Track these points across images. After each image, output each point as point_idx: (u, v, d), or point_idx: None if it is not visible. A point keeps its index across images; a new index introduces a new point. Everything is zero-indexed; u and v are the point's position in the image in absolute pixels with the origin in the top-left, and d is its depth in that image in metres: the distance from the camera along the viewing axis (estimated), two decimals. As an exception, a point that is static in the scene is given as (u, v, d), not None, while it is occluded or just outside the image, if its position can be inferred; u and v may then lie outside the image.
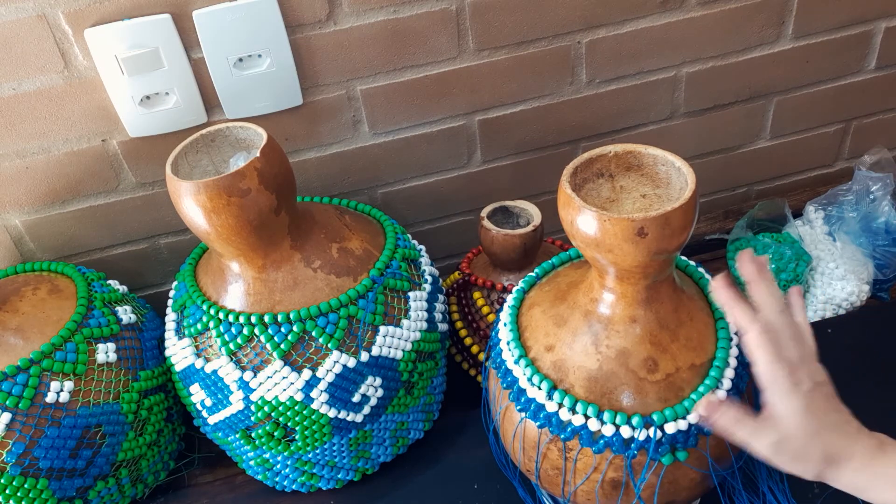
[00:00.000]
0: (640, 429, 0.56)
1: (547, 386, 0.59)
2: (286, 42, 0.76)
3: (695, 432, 0.57)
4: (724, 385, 0.58)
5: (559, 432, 0.58)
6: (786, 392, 0.53)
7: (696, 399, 0.57)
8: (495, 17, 0.81)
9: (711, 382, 0.58)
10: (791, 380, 0.53)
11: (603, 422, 0.57)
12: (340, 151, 0.87)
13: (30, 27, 0.71)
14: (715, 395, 0.57)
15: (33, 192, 0.81)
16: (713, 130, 0.98)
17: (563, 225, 0.57)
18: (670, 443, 0.57)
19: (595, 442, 0.57)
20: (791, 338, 0.55)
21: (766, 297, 0.54)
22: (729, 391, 0.58)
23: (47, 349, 0.69)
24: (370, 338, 0.69)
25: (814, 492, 0.70)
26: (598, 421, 0.57)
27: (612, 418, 0.57)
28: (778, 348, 0.54)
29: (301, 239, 0.70)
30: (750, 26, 0.89)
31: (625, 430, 0.57)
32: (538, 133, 0.92)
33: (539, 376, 0.60)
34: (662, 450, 0.57)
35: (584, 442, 0.58)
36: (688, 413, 0.57)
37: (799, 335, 0.56)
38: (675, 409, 0.57)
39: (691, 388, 0.58)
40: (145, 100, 0.76)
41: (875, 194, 0.91)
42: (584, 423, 0.57)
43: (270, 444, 0.72)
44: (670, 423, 0.57)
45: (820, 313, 0.89)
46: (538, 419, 0.59)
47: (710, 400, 0.55)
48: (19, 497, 0.68)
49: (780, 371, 0.53)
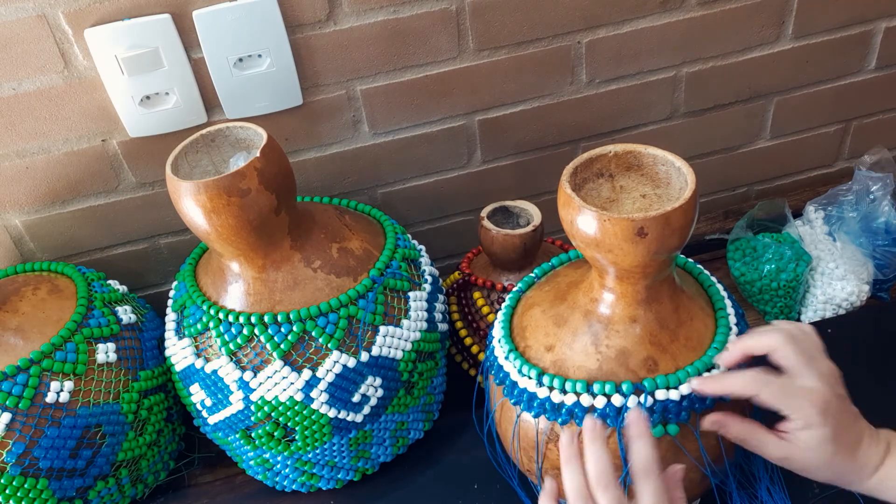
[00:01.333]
0: (630, 395, 0.56)
1: (536, 373, 0.59)
2: (286, 42, 0.76)
3: (686, 406, 0.57)
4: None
5: (555, 417, 0.59)
6: (814, 424, 0.53)
7: (690, 372, 0.57)
8: (495, 17, 0.81)
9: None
10: (823, 408, 0.53)
11: (594, 394, 0.57)
12: (340, 151, 0.87)
13: (30, 27, 0.71)
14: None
15: (33, 192, 0.81)
16: (713, 130, 0.98)
17: (563, 225, 0.57)
18: (661, 412, 0.57)
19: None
20: (812, 343, 0.56)
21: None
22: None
23: (47, 349, 0.69)
24: (370, 338, 0.69)
25: (814, 492, 0.70)
26: (589, 395, 0.57)
27: (601, 389, 0.57)
28: (807, 355, 0.55)
29: (301, 239, 0.70)
30: (750, 26, 0.89)
31: (616, 398, 0.57)
32: (538, 133, 0.92)
33: (528, 366, 0.60)
34: (654, 419, 0.57)
35: (578, 420, 0.58)
36: (680, 383, 0.57)
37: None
38: (667, 378, 0.57)
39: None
40: (145, 100, 0.76)
41: (875, 194, 0.91)
42: (576, 400, 0.57)
43: (270, 444, 0.72)
44: (661, 390, 0.57)
45: (820, 313, 0.89)
46: (532, 408, 0.60)
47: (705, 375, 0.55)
48: (19, 497, 0.68)
49: (815, 397, 0.53)
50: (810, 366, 0.54)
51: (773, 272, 0.88)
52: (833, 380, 0.55)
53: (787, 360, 0.55)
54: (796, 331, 0.56)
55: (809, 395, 0.53)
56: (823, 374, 0.54)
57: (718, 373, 0.57)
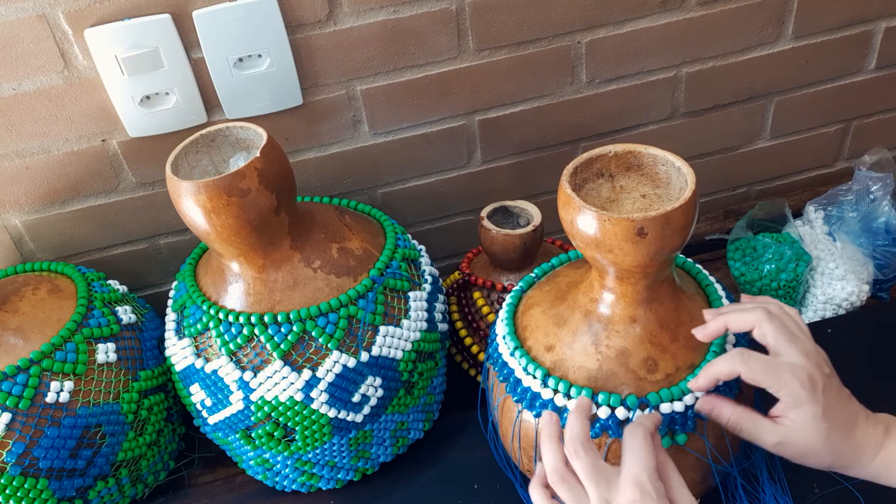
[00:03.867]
0: (635, 410, 0.56)
1: (541, 374, 0.59)
2: (286, 42, 0.76)
3: (692, 416, 0.57)
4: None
5: None
6: (803, 399, 0.53)
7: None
8: (495, 17, 0.81)
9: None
10: (809, 383, 0.52)
11: (598, 404, 0.57)
12: (340, 151, 0.87)
13: (30, 27, 0.71)
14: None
15: (33, 192, 0.81)
16: (713, 130, 0.98)
17: (563, 225, 0.57)
18: (668, 425, 0.57)
19: (591, 426, 0.57)
20: (795, 323, 0.56)
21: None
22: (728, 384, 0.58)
23: (47, 349, 0.69)
24: (370, 338, 0.69)
25: (814, 492, 0.70)
26: (593, 404, 0.57)
27: (606, 400, 0.57)
28: (788, 331, 0.54)
29: (301, 239, 0.70)
30: (750, 26, 0.89)
31: (620, 411, 0.57)
32: (538, 133, 0.92)
33: (534, 365, 0.60)
34: (661, 429, 0.57)
35: None
36: (684, 395, 0.57)
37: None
38: (670, 391, 0.57)
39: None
40: (145, 100, 0.76)
41: (875, 194, 0.91)
42: None
43: (270, 444, 0.72)
44: (665, 403, 0.56)
45: (820, 313, 0.89)
46: (534, 408, 0.60)
47: (708, 374, 0.55)
48: (19, 497, 0.68)
49: (800, 372, 0.53)
50: (793, 343, 0.54)
51: (773, 272, 0.88)
52: (818, 358, 0.54)
53: (767, 336, 0.54)
54: (776, 309, 0.56)
55: (793, 371, 0.53)
56: (808, 352, 0.54)
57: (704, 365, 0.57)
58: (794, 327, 0.55)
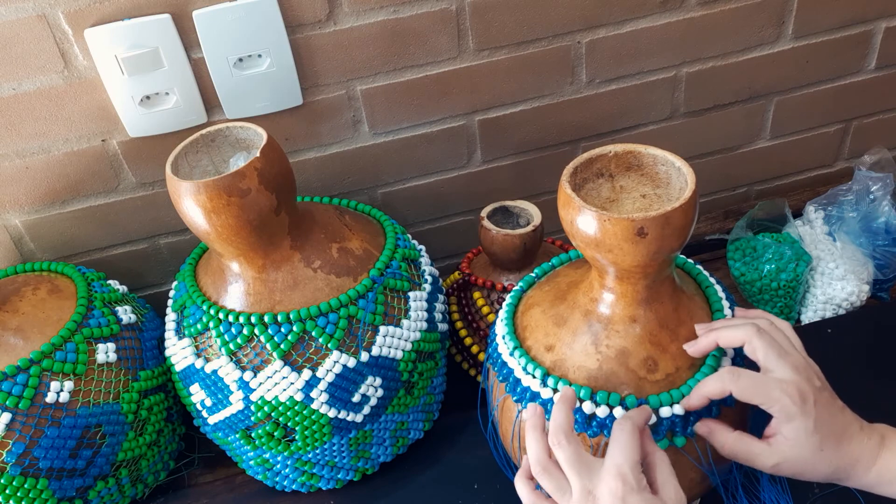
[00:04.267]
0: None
1: (541, 374, 0.59)
2: (286, 42, 0.76)
3: (692, 419, 0.57)
4: None
5: None
6: (793, 414, 0.53)
7: (692, 385, 0.57)
8: (495, 17, 0.81)
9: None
10: (799, 398, 0.53)
11: (597, 403, 0.57)
12: (340, 151, 0.87)
13: (30, 27, 0.71)
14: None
15: (33, 192, 0.81)
16: (713, 130, 0.98)
17: (563, 225, 0.57)
18: (669, 428, 0.57)
19: (589, 425, 0.57)
20: (785, 338, 0.56)
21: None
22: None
23: (47, 349, 0.69)
24: (370, 338, 0.69)
25: (814, 492, 0.70)
26: (591, 403, 0.57)
27: (605, 399, 0.57)
28: (778, 347, 0.54)
29: (301, 239, 0.70)
30: (750, 26, 0.89)
31: (619, 411, 0.56)
32: (538, 133, 0.92)
33: (533, 364, 0.60)
34: (660, 431, 0.57)
35: (580, 427, 0.57)
36: (683, 397, 0.57)
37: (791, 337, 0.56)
38: (670, 394, 0.57)
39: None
40: (145, 100, 0.76)
41: (875, 194, 0.91)
42: (578, 406, 0.57)
43: (270, 444, 0.72)
44: (665, 407, 0.56)
45: (820, 313, 0.89)
46: None
47: (702, 391, 0.55)
48: (19, 497, 0.68)
49: (789, 387, 0.53)
50: (782, 358, 0.54)
51: (773, 272, 0.88)
52: (808, 372, 0.54)
53: (757, 352, 0.54)
54: (766, 324, 0.56)
55: (783, 386, 0.53)
56: (798, 366, 0.54)
57: (697, 382, 0.57)
58: (784, 342, 0.55)
